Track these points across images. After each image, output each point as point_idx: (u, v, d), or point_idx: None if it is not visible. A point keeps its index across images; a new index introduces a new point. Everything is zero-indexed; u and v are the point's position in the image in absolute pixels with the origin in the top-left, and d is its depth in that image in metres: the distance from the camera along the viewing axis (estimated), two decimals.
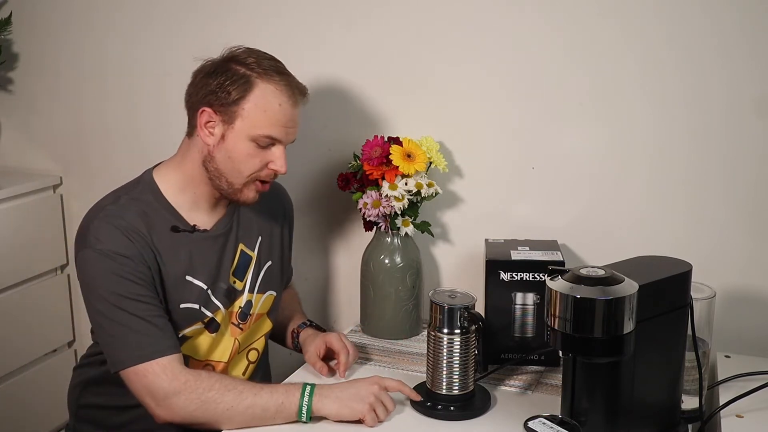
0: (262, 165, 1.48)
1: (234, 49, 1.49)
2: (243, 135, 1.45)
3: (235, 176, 1.48)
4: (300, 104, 1.50)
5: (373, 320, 1.75)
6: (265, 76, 1.45)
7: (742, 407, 1.36)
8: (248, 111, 1.44)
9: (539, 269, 1.54)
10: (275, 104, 1.45)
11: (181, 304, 1.49)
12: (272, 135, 1.46)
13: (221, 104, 1.44)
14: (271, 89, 1.45)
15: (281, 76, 1.46)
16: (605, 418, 1.26)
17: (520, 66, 1.73)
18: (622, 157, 1.70)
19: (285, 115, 1.46)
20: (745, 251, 1.64)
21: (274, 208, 1.67)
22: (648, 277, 1.23)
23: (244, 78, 1.44)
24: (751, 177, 1.62)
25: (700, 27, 1.59)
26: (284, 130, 1.47)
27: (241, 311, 1.57)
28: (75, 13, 2.11)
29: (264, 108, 1.44)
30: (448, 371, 1.41)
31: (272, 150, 1.48)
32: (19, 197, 2.09)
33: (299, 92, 1.49)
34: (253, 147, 1.46)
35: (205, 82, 1.47)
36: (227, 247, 1.56)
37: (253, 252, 1.60)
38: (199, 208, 1.54)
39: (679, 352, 1.30)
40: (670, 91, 1.63)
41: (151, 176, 1.53)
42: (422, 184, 1.69)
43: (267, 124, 1.45)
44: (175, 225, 1.50)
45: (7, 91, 2.24)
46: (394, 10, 1.80)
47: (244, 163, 1.47)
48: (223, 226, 1.56)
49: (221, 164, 1.48)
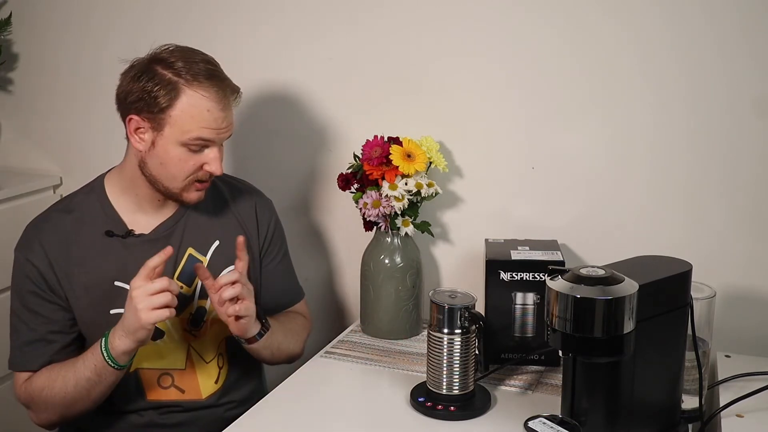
0: (196, 167, 1.47)
1: (163, 48, 1.46)
2: (173, 140, 1.43)
3: (170, 181, 1.47)
4: (231, 106, 1.47)
5: (373, 320, 1.75)
6: (193, 82, 1.41)
7: (743, 407, 1.36)
8: (176, 118, 1.42)
9: (539, 269, 1.54)
10: (203, 110, 1.42)
11: (111, 310, 1.50)
12: (202, 137, 1.44)
13: (149, 111, 1.42)
14: (199, 96, 1.42)
15: (210, 81, 1.43)
16: (605, 418, 1.26)
17: (520, 66, 1.73)
18: (622, 157, 1.69)
19: (214, 119, 1.43)
20: (745, 251, 1.64)
21: (239, 212, 1.63)
22: (648, 277, 1.23)
23: (171, 85, 1.41)
24: (751, 177, 1.62)
25: (701, 27, 1.59)
26: (215, 132, 1.44)
27: (192, 317, 1.56)
28: (75, 13, 2.11)
29: (191, 114, 1.42)
30: (448, 371, 1.41)
31: (205, 152, 1.46)
32: (19, 197, 2.09)
33: (230, 93, 1.46)
34: (184, 151, 1.44)
35: (131, 88, 1.44)
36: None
37: (204, 256, 1.57)
38: (142, 210, 1.54)
39: (679, 352, 1.30)
40: (670, 91, 1.63)
41: (102, 180, 1.57)
42: (422, 184, 1.69)
43: (196, 128, 1.43)
44: (109, 230, 1.51)
45: (7, 91, 2.24)
46: (394, 10, 1.80)
47: (177, 168, 1.46)
48: (164, 230, 1.55)
49: (154, 170, 1.47)
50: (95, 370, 1.43)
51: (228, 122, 1.47)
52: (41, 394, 1.47)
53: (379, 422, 1.41)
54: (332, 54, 1.87)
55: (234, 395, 1.61)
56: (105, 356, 1.41)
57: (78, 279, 1.50)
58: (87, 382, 1.44)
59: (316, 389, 1.52)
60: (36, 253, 1.49)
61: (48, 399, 1.47)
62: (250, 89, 1.95)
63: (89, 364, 1.43)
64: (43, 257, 1.49)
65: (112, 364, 1.42)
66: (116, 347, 1.40)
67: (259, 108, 1.96)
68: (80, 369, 1.44)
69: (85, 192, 1.58)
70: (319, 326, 2.01)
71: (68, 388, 1.45)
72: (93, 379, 1.44)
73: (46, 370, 1.49)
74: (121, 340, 1.40)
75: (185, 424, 1.57)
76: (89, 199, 1.55)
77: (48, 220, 1.54)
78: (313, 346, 1.80)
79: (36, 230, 1.53)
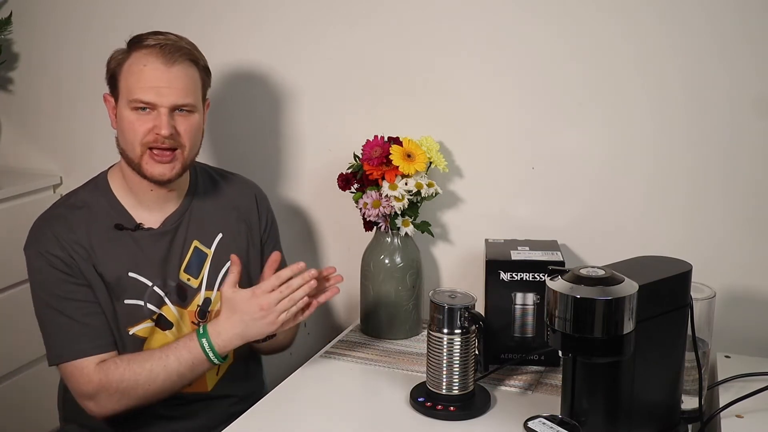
0: (146, 131, 1.47)
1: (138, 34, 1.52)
2: (123, 105, 1.48)
3: (130, 149, 1.50)
4: (179, 64, 1.47)
5: (373, 320, 1.75)
6: (138, 45, 1.48)
7: (742, 407, 1.36)
8: (122, 81, 1.48)
9: (539, 269, 1.54)
10: (141, 66, 1.46)
11: (125, 300, 1.52)
12: (143, 99, 1.46)
13: (110, 85, 1.51)
14: (140, 54, 1.47)
15: (155, 40, 1.47)
16: (605, 418, 1.26)
17: (520, 66, 1.73)
18: (622, 157, 1.69)
19: (153, 75, 1.46)
20: (745, 251, 1.64)
21: (240, 204, 1.66)
22: (648, 277, 1.23)
23: (123, 52, 1.49)
24: (751, 177, 1.62)
25: (701, 27, 1.59)
26: (155, 90, 1.46)
27: (199, 309, 1.58)
28: (75, 13, 2.12)
29: (132, 71, 1.47)
30: (448, 371, 1.41)
31: (153, 115, 1.47)
32: (19, 197, 2.09)
33: (173, 52, 1.47)
34: (133, 114, 1.47)
35: (106, 71, 1.52)
36: (175, 244, 1.56)
37: (209, 249, 1.59)
38: (143, 204, 1.56)
39: (679, 352, 1.30)
40: (670, 91, 1.63)
41: (105, 176, 1.59)
42: (422, 184, 1.69)
43: (137, 87, 1.46)
44: (119, 223, 1.53)
45: (7, 91, 2.24)
46: (394, 10, 1.80)
47: (129, 132, 1.48)
48: (171, 223, 1.57)
49: (121, 142, 1.52)
50: (191, 367, 1.46)
51: (172, 81, 1.47)
52: (120, 387, 1.45)
53: (378, 422, 1.41)
54: (332, 54, 1.88)
55: (237, 390, 1.62)
56: (211, 356, 1.45)
57: (95, 268, 1.50)
58: (179, 377, 1.47)
59: (316, 389, 1.52)
60: (52, 244, 1.48)
61: (127, 391, 1.45)
62: (250, 89, 1.95)
63: (185, 360, 1.45)
64: (59, 246, 1.48)
65: (218, 361, 1.47)
66: (226, 347, 1.46)
67: (260, 108, 1.96)
68: (172, 364, 1.45)
69: (90, 189, 1.58)
70: (319, 326, 2.01)
71: (157, 382, 1.46)
72: (186, 374, 1.47)
73: (123, 362, 1.46)
74: (233, 341, 1.45)
75: (190, 416, 1.58)
76: (94, 195, 1.56)
77: (56, 216, 1.54)
78: (313, 346, 1.81)
79: (46, 225, 1.52)
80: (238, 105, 1.95)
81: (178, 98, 1.47)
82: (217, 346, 1.45)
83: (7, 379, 2.07)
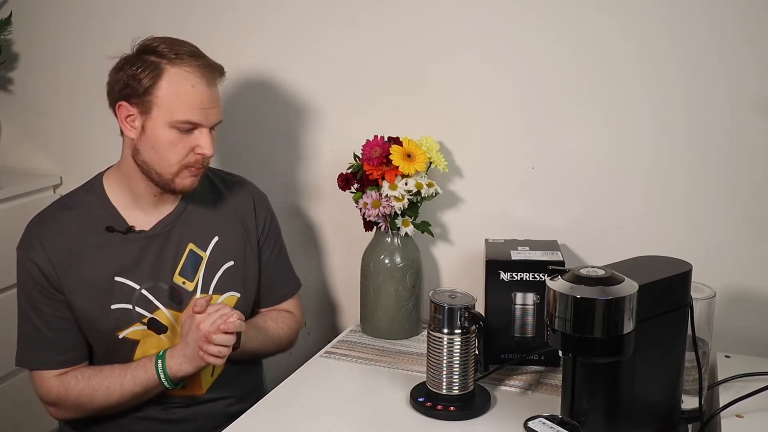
0: (187, 151, 1.47)
1: (145, 39, 1.49)
2: (162, 122, 1.44)
3: (162, 166, 1.48)
4: (216, 83, 1.48)
5: (373, 320, 1.75)
6: (175, 60, 1.44)
7: (742, 407, 1.36)
8: (162, 98, 1.43)
9: (539, 269, 1.54)
10: (188, 86, 1.44)
11: (112, 304, 1.51)
12: (190, 119, 1.45)
13: (135, 95, 1.44)
14: (182, 72, 1.43)
15: (192, 58, 1.45)
16: (605, 418, 1.26)
17: (520, 66, 1.73)
18: (622, 157, 1.69)
19: (200, 96, 1.44)
20: (745, 251, 1.64)
21: (238, 207, 1.65)
22: (648, 277, 1.23)
23: (153, 65, 1.44)
24: (751, 177, 1.62)
25: (701, 27, 1.59)
26: (203, 112, 1.45)
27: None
28: (75, 13, 2.11)
29: (177, 92, 1.43)
30: (448, 371, 1.41)
31: (195, 134, 1.46)
32: (19, 197, 2.09)
33: (213, 71, 1.47)
34: (174, 133, 1.45)
35: (117, 78, 1.47)
36: (168, 247, 1.55)
37: (204, 252, 1.58)
38: (139, 207, 1.55)
39: (679, 352, 1.30)
40: (670, 91, 1.63)
41: (101, 178, 1.58)
42: (422, 184, 1.69)
43: (183, 108, 1.44)
44: (109, 226, 1.53)
45: (7, 91, 2.24)
46: (394, 10, 1.80)
47: (168, 152, 1.46)
48: (164, 226, 1.56)
49: (147, 156, 1.47)
50: (145, 388, 1.48)
51: (215, 101, 1.48)
52: (78, 401, 1.49)
53: (378, 422, 1.41)
54: (332, 54, 1.87)
55: (233, 390, 1.62)
56: (162, 378, 1.47)
57: (78, 274, 1.50)
58: (132, 397, 1.49)
59: (316, 389, 1.52)
60: (37, 251, 1.50)
61: (84, 405, 1.50)
62: (251, 89, 1.95)
63: (139, 381, 1.48)
64: (43, 255, 1.49)
65: (169, 385, 1.48)
66: (176, 372, 1.47)
67: (260, 108, 1.96)
68: (128, 385, 1.48)
69: (85, 190, 1.59)
70: (319, 326, 2.01)
71: (111, 399, 1.49)
72: (140, 394, 1.49)
73: (84, 378, 1.50)
74: (182, 366, 1.46)
75: (186, 419, 1.58)
76: (89, 196, 1.56)
77: (48, 218, 1.55)
78: (313, 346, 1.81)
79: (36, 228, 1.53)
80: (238, 105, 1.95)
81: (219, 117, 1.50)
82: (169, 369, 1.46)
83: (7, 379, 2.07)
